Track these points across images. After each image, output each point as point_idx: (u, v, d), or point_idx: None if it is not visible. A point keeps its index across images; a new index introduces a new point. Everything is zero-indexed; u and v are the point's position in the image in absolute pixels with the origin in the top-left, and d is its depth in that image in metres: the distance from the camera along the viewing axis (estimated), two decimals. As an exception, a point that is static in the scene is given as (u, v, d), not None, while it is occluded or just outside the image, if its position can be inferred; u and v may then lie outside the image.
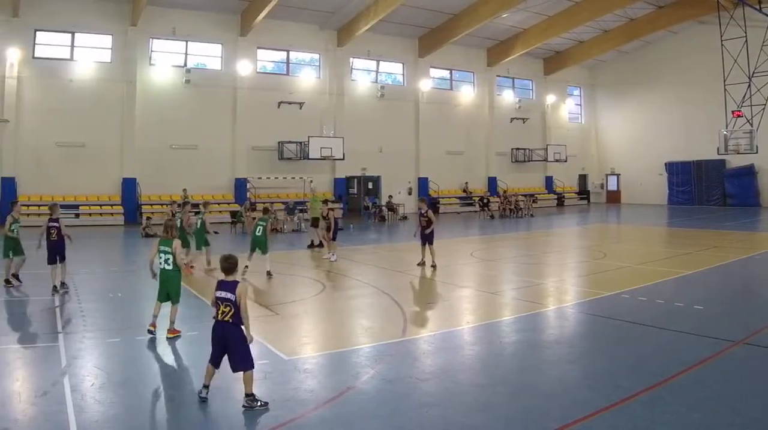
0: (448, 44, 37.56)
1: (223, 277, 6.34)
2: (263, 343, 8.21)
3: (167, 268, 8.76)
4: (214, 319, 6.24)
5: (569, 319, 10.18)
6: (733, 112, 32.49)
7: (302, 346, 8.59)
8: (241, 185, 32.67)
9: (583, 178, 49.07)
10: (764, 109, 32.40)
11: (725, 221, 29.58)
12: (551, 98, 45.73)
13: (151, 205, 29.56)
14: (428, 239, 15.33)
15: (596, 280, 13.84)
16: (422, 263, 15.39)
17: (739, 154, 33.53)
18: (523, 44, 39.68)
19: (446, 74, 41.77)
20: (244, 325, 6.12)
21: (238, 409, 6.02)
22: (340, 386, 6.68)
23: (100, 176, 29.42)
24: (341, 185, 36.21)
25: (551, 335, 9.17)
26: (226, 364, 6.16)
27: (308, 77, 35.54)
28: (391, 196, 35.91)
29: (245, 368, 6.05)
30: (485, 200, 37.11)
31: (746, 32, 32.28)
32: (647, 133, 44.60)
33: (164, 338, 8.64)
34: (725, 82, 32.68)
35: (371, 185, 37.98)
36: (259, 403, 5.99)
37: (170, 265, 8.75)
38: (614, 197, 48.37)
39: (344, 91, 36.29)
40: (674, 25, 38.79)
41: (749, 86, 32.51)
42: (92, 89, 29.32)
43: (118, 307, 11.32)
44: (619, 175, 48.15)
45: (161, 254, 8.78)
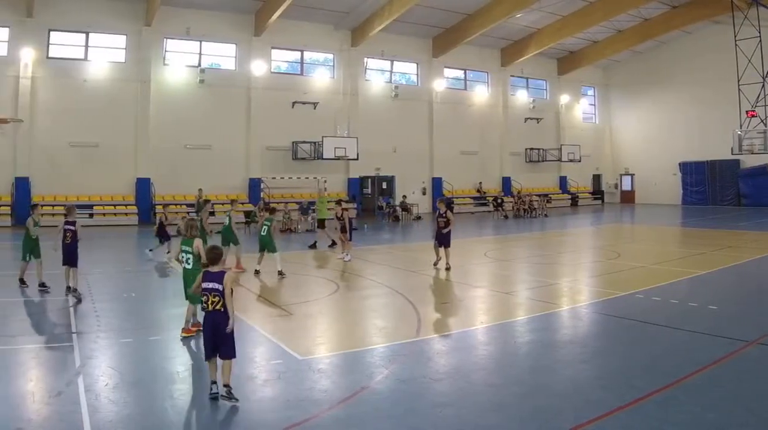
0: (462, 44, 37.08)
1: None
2: (277, 343, 8.26)
3: (188, 267, 8.73)
4: (203, 310, 6.24)
5: (583, 319, 10.05)
6: (747, 112, 32.33)
7: (316, 346, 8.49)
8: (255, 185, 32.23)
9: (597, 178, 48.43)
10: (778, 109, 32.16)
11: (739, 221, 29.20)
12: (565, 98, 45.10)
13: (165, 205, 28.96)
14: (444, 241, 14.94)
15: (610, 280, 13.63)
16: (437, 263, 14.82)
17: (753, 154, 33.22)
18: (537, 44, 39.21)
19: (460, 74, 41.17)
20: (228, 313, 6.13)
21: (251, 408, 6.02)
22: (354, 386, 6.59)
23: (114, 176, 29.02)
24: (355, 185, 35.74)
25: (565, 335, 9.06)
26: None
27: (322, 77, 35.11)
28: (405, 196, 35.50)
29: (230, 356, 6.14)
30: (499, 200, 37.04)
31: (760, 32, 32.04)
32: (661, 133, 44.03)
33: (181, 338, 8.50)
34: (739, 82, 32.46)
35: (385, 185, 37.58)
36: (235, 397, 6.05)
37: (190, 264, 8.69)
38: (628, 197, 47.78)
39: (358, 91, 35.82)
40: (688, 25, 38.23)
41: (763, 86, 32.27)
42: (106, 89, 28.96)
43: (131, 307, 11.19)
44: (633, 175, 47.58)
45: (182, 254, 8.80)
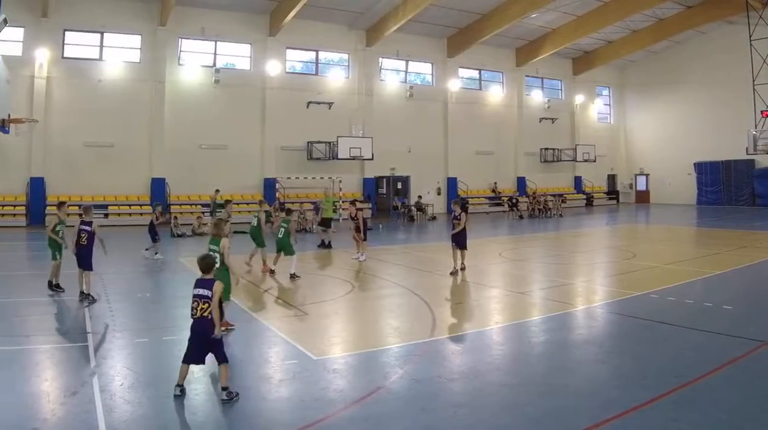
0: (476, 44, 36.30)
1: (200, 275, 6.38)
2: (292, 343, 8.11)
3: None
4: (191, 316, 6.19)
5: (598, 319, 9.83)
6: (762, 112, 32.27)
7: (331, 346, 8.33)
8: (270, 185, 31.52)
9: (612, 178, 47.47)
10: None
11: (754, 221, 28.54)
12: (580, 98, 44.19)
13: (180, 205, 28.69)
14: (459, 242, 14.08)
15: (625, 280, 13.31)
16: (455, 272, 13.80)
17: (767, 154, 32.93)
18: (552, 44, 38.45)
19: (475, 74, 40.31)
20: (214, 319, 6.10)
21: (266, 408, 5.99)
22: (369, 386, 6.47)
23: (129, 176, 28.44)
24: (370, 185, 35.02)
25: (580, 335, 8.85)
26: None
27: (337, 77, 34.42)
28: (420, 196, 34.75)
29: (221, 361, 6.07)
30: (514, 200, 36.50)
31: (775, 32, 31.63)
32: (676, 133, 43.10)
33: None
34: (754, 82, 32.10)
35: (400, 185, 36.84)
36: (234, 394, 5.98)
37: (217, 262, 8.32)
38: (643, 197, 46.86)
39: (373, 91, 35.08)
40: (703, 25, 37.53)
41: (778, 86, 31.95)
42: (121, 89, 28.40)
43: (146, 307, 10.92)
44: (647, 175, 46.64)
45: (210, 253, 8.55)
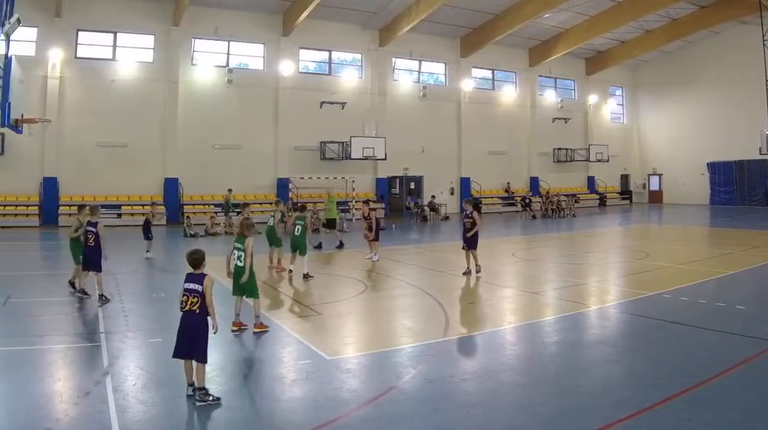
0: (490, 44, 35.53)
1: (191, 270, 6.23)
2: (305, 343, 7.97)
3: (239, 264, 8.60)
4: (181, 310, 6.04)
5: (611, 319, 9.67)
6: None
7: (344, 346, 8.18)
8: (283, 185, 30.82)
9: (625, 178, 46.45)
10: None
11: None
12: (593, 98, 43.17)
13: (193, 205, 28.05)
14: (470, 243, 13.41)
15: (638, 280, 13.08)
16: (468, 272, 13.46)
17: (781, 153, 32.28)
18: (565, 44, 37.58)
19: (488, 74, 39.42)
20: (210, 315, 5.97)
21: (279, 408, 5.90)
22: (382, 386, 6.36)
23: (142, 176, 27.88)
24: (383, 185, 34.28)
25: (593, 335, 8.70)
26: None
27: (350, 77, 33.72)
28: (433, 196, 34.07)
29: (200, 359, 5.91)
30: (527, 200, 35.82)
31: (788, 32, 30.75)
32: (689, 132, 42.12)
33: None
34: (767, 81, 31.39)
35: (413, 185, 36.11)
36: (211, 397, 5.82)
37: (242, 261, 8.57)
38: (656, 197, 45.84)
39: (386, 91, 34.34)
40: (716, 25, 36.64)
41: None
42: (134, 89, 27.84)
43: (160, 307, 10.69)
44: (661, 175, 45.60)
45: (235, 251, 8.68)
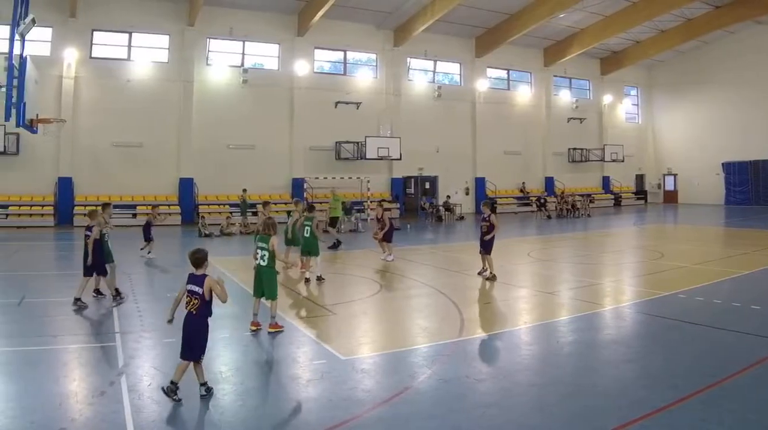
0: (504, 44, 34.64)
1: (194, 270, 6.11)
2: (320, 343, 7.86)
3: (262, 264, 8.40)
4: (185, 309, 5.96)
5: (626, 319, 9.48)
6: None
7: (359, 346, 8.01)
8: (298, 185, 30.14)
9: (640, 178, 45.34)
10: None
11: None
12: (608, 98, 42.13)
13: (208, 205, 27.42)
14: (485, 246, 12.90)
15: (653, 280, 12.82)
16: (483, 272, 13.12)
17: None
18: (579, 44, 36.62)
19: (503, 74, 38.52)
20: (217, 294, 5.88)
21: (295, 408, 5.79)
22: (397, 386, 6.23)
23: (157, 176, 27.31)
24: (398, 185, 33.49)
25: (608, 335, 8.53)
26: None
27: (365, 77, 32.97)
28: (448, 196, 33.24)
29: (194, 358, 5.81)
30: (542, 200, 35.05)
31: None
32: (704, 132, 41.07)
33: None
34: None
35: (428, 185, 35.24)
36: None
37: (265, 261, 8.38)
38: (671, 197, 44.77)
39: (401, 91, 33.52)
40: (731, 25, 35.50)
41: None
42: (149, 89, 27.26)
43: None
44: (676, 175, 44.50)
45: (258, 250, 8.45)
